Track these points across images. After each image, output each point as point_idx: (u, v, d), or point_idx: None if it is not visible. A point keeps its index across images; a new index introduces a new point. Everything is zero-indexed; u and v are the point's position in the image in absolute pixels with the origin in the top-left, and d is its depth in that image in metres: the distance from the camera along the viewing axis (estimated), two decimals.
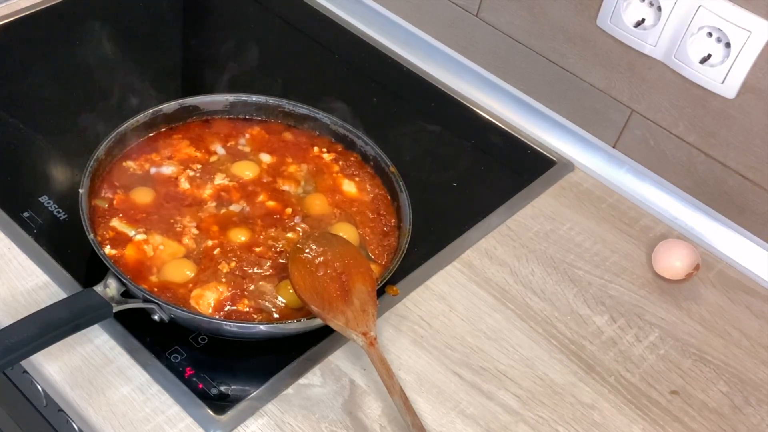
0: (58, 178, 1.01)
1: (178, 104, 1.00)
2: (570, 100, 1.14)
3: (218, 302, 0.85)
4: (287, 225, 0.93)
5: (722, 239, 1.05)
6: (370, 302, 0.83)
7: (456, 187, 1.07)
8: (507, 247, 1.01)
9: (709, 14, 0.95)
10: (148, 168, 0.96)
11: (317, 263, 0.86)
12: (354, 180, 0.99)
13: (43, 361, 0.82)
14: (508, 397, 0.86)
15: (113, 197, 0.92)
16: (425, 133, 1.13)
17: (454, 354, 0.89)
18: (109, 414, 0.79)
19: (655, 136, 1.07)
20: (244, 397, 0.82)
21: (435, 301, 0.93)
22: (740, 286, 1.01)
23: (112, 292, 0.82)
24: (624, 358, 0.91)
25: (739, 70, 0.95)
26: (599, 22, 1.05)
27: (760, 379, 0.92)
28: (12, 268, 0.89)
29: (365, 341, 0.81)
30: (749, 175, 1.01)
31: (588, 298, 0.97)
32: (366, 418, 0.82)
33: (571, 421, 0.85)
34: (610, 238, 1.04)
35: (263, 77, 1.18)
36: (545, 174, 1.11)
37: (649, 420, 0.87)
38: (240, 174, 0.98)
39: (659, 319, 0.96)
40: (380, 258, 0.92)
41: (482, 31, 1.19)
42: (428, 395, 0.85)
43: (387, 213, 0.97)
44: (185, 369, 0.83)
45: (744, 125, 0.99)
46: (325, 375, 0.85)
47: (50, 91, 1.11)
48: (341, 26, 1.28)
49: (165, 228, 0.90)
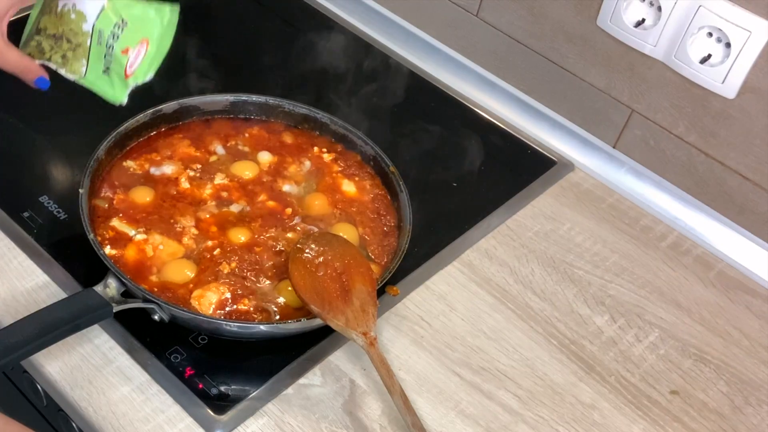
0: (58, 178, 1.01)
1: (178, 104, 1.00)
2: (570, 100, 1.14)
3: (219, 302, 0.85)
4: (287, 225, 0.93)
5: (722, 239, 1.05)
6: (370, 302, 0.83)
7: (456, 187, 1.07)
8: (507, 247, 1.01)
9: (709, 14, 0.95)
10: (148, 168, 0.96)
11: (317, 263, 0.86)
12: (354, 180, 0.99)
13: (43, 361, 0.82)
14: (508, 397, 0.86)
15: (113, 197, 0.92)
16: (425, 133, 1.13)
17: (454, 354, 0.89)
18: (109, 414, 0.79)
19: (655, 136, 1.07)
20: (244, 397, 0.82)
21: (435, 301, 0.93)
22: (740, 286, 1.01)
23: (112, 292, 0.82)
24: (624, 358, 0.91)
25: (739, 70, 0.95)
26: (599, 22, 1.05)
27: (760, 379, 0.92)
28: (12, 268, 0.90)
29: (365, 341, 0.81)
30: (749, 175, 1.01)
31: (588, 298, 0.97)
32: (366, 418, 0.82)
33: (571, 421, 0.85)
34: (610, 238, 1.04)
35: (263, 77, 1.18)
36: (545, 174, 1.11)
37: (649, 420, 0.87)
38: (240, 174, 0.98)
39: (659, 319, 0.96)
40: (380, 258, 0.92)
41: (482, 31, 1.19)
42: (428, 395, 0.85)
43: (387, 213, 0.97)
44: (185, 369, 0.83)
45: (744, 125, 0.99)
46: (325, 375, 0.85)
47: (50, 91, 1.11)
48: (341, 26, 1.28)
49: (165, 228, 0.90)
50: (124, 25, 0.86)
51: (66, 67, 0.89)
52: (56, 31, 0.87)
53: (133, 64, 0.87)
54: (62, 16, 0.87)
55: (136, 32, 0.87)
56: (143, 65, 0.88)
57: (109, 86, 0.90)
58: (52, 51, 0.89)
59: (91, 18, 0.86)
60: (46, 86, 0.88)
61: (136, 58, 0.87)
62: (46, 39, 0.88)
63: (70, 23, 0.87)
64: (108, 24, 0.86)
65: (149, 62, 0.88)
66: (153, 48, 0.87)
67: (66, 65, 0.89)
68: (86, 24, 0.86)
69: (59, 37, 0.87)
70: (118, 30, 0.86)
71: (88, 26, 0.86)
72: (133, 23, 0.86)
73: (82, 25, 0.86)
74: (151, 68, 0.89)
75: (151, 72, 0.89)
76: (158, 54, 0.89)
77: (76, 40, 0.87)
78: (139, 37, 0.87)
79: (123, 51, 0.86)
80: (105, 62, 0.88)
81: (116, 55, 0.87)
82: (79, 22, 0.86)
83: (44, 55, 0.89)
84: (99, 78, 0.89)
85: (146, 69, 0.88)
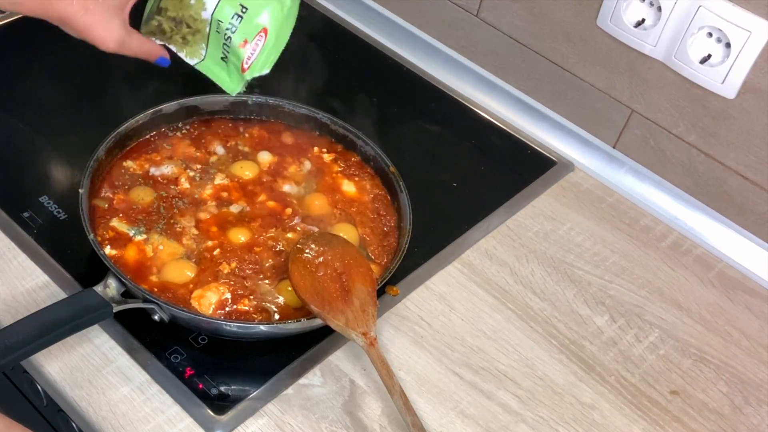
0: (58, 178, 1.01)
1: (178, 104, 1.00)
2: (570, 100, 1.14)
3: (219, 302, 0.85)
4: (287, 225, 0.93)
5: (722, 239, 1.05)
6: (370, 302, 0.83)
7: (456, 187, 1.07)
8: (507, 247, 1.01)
9: (709, 14, 0.95)
10: (148, 168, 0.96)
11: (317, 263, 0.86)
12: (354, 180, 0.99)
13: (43, 361, 0.82)
14: (508, 397, 0.86)
15: (113, 197, 0.92)
16: (425, 133, 1.13)
17: (454, 354, 0.89)
18: (109, 414, 0.79)
19: (655, 136, 1.07)
20: (244, 397, 0.82)
21: (435, 301, 0.93)
22: (740, 286, 1.01)
23: (112, 292, 0.82)
24: (624, 358, 0.91)
25: (739, 70, 0.95)
26: (599, 22, 1.05)
27: (760, 379, 0.92)
28: (12, 268, 0.90)
29: (365, 341, 0.81)
30: (749, 175, 1.01)
31: (588, 298, 0.97)
32: (366, 418, 0.82)
33: (571, 421, 0.85)
34: (610, 238, 1.04)
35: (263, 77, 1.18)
36: (545, 174, 1.11)
37: (649, 420, 0.87)
38: (240, 174, 0.98)
39: (659, 319, 0.96)
40: (380, 258, 0.92)
41: (482, 31, 1.19)
42: (428, 395, 0.85)
43: (387, 213, 0.97)
44: (185, 369, 0.83)
45: (744, 125, 0.99)
46: (325, 375, 0.85)
47: (50, 91, 1.11)
48: (341, 26, 1.28)
49: (165, 228, 0.90)
50: (243, 13, 0.84)
51: (185, 49, 0.88)
52: (176, 14, 0.86)
53: (250, 57, 0.86)
54: (183, 0, 0.86)
55: (255, 21, 0.85)
56: (260, 58, 0.87)
57: (227, 74, 0.89)
58: (173, 32, 0.87)
59: (210, 6, 0.85)
60: (166, 64, 0.88)
61: (253, 51, 0.86)
62: (166, 20, 0.87)
63: (189, 8, 0.85)
64: (226, 15, 0.84)
65: (266, 54, 0.87)
66: (272, 38, 0.86)
67: (185, 48, 0.88)
68: (205, 12, 0.85)
69: (179, 21, 0.86)
70: (236, 21, 0.84)
71: (207, 14, 0.85)
72: (254, 10, 0.84)
73: (201, 13, 0.85)
74: (268, 61, 0.88)
75: (267, 66, 0.88)
76: (276, 45, 0.87)
77: (195, 25, 0.86)
78: (258, 27, 0.85)
79: (241, 44, 0.85)
80: (223, 50, 0.86)
81: (233, 47, 0.86)
82: (198, 8, 0.85)
83: (165, 36, 0.88)
84: (217, 64, 0.89)
85: (263, 62, 0.87)
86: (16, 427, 0.66)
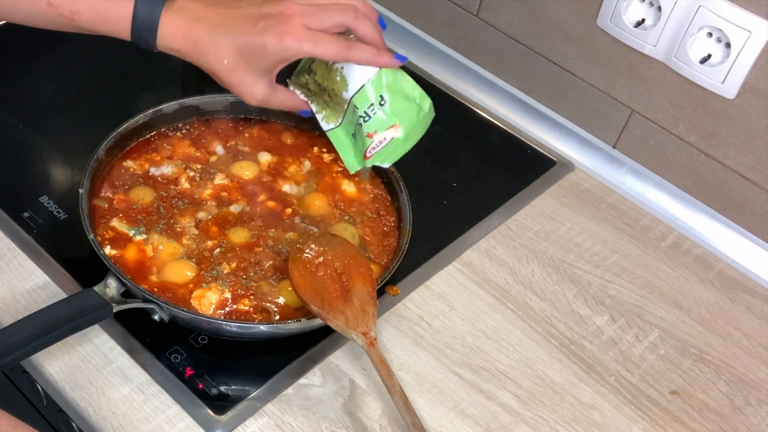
0: (58, 178, 1.01)
1: (178, 104, 1.00)
2: (570, 100, 1.14)
3: (219, 302, 0.85)
4: (287, 225, 0.93)
5: (722, 239, 1.05)
6: (370, 302, 0.83)
7: (456, 187, 1.07)
8: (507, 247, 1.01)
9: (709, 14, 0.95)
10: (148, 168, 0.96)
11: (317, 263, 0.86)
12: (354, 180, 0.99)
13: (43, 361, 0.82)
14: (508, 397, 0.86)
15: (113, 197, 0.92)
16: (425, 133, 1.13)
17: (454, 354, 0.89)
18: (109, 414, 0.79)
19: (655, 136, 1.07)
20: (244, 397, 0.82)
21: (435, 301, 0.93)
22: (740, 286, 1.01)
23: (112, 292, 0.82)
24: (624, 358, 0.91)
25: (739, 70, 0.95)
26: (599, 22, 1.05)
27: (760, 379, 0.92)
28: (12, 268, 0.90)
29: (365, 341, 0.81)
30: (749, 175, 1.01)
31: (588, 298, 0.97)
32: (366, 418, 0.82)
33: (571, 421, 0.85)
34: (610, 238, 1.04)
35: None
36: (545, 174, 1.11)
37: (649, 420, 0.87)
38: (240, 174, 0.98)
39: (659, 319, 0.96)
40: (380, 258, 0.92)
41: (482, 31, 1.19)
42: (428, 395, 0.85)
43: (387, 213, 0.97)
44: (185, 369, 0.83)
45: (744, 125, 0.99)
46: (325, 375, 0.85)
47: (50, 91, 1.11)
48: None
49: (165, 228, 0.90)
50: (381, 104, 0.84)
51: (324, 112, 0.89)
52: (323, 81, 0.87)
53: (374, 148, 0.87)
54: (330, 72, 0.86)
55: (389, 116, 0.85)
56: (384, 150, 0.87)
57: (352, 150, 0.90)
58: (316, 96, 0.89)
59: (351, 89, 0.85)
60: (307, 115, 0.91)
61: (379, 143, 0.86)
62: (313, 82, 0.88)
63: (334, 83, 0.86)
64: (364, 102, 0.85)
65: (391, 149, 0.88)
66: (401, 137, 0.87)
67: (324, 110, 0.89)
68: (346, 93, 0.86)
69: (324, 88, 0.87)
70: (371, 111, 0.85)
71: (347, 95, 0.86)
72: (391, 105, 0.85)
73: (342, 92, 0.86)
74: (391, 156, 0.89)
75: (389, 161, 0.89)
76: (405, 144, 0.88)
77: (335, 99, 0.87)
78: (389, 123, 0.86)
79: (369, 134, 0.86)
80: (355, 129, 0.88)
81: (362, 133, 0.87)
82: (341, 87, 0.86)
83: (310, 93, 0.89)
84: (347, 136, 0.90)
85: (386, 155, 0.88)
86: (22, 427, 0.66)
